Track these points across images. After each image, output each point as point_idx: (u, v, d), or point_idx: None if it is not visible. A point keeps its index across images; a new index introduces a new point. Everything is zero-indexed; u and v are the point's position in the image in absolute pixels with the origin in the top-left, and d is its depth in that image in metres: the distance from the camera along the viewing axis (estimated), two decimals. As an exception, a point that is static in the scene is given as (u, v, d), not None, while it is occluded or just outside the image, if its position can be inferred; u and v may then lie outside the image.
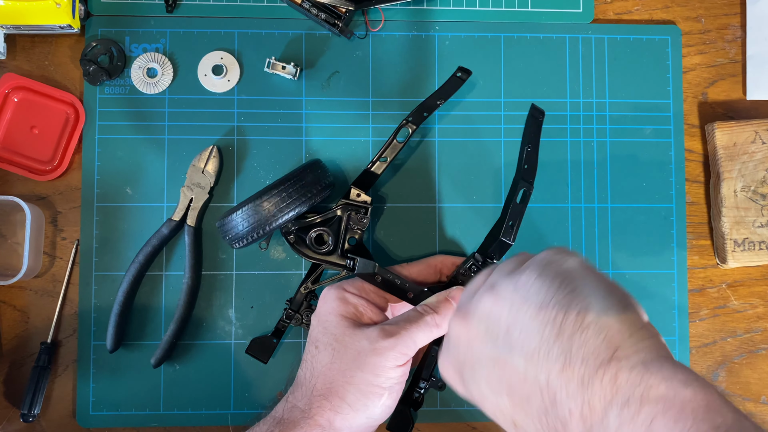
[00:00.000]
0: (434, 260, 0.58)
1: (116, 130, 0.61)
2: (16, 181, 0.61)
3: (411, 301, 0.53)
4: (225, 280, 0.61)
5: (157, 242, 0.59)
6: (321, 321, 0.52)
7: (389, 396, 0.49)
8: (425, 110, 0.58)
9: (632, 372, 0.32)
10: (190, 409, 0.60)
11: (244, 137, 0.62)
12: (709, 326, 0.64)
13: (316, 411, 0.49)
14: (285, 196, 0.54)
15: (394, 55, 0.63)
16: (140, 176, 0.61)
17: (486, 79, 0.64)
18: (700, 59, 0.66)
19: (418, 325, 0.49)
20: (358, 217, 0.56)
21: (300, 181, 0.54)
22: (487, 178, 0.63)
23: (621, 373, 0.32)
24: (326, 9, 0.60)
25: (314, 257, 0.56)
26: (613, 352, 0.33)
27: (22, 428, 0.59)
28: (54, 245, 0.61)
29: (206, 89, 0.62)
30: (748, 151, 0.63)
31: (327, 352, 0.50)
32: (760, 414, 0.63)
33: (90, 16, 0.62)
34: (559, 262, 0.38)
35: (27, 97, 0.60)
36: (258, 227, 0.53)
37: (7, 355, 0.60)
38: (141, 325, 0.60)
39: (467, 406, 0.61)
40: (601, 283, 0.37)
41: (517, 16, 0.64)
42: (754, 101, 0.66)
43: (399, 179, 0.62)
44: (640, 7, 0.66)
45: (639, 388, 0.32)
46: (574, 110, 0.64)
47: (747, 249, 0.62)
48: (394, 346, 0.49)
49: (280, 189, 0.54)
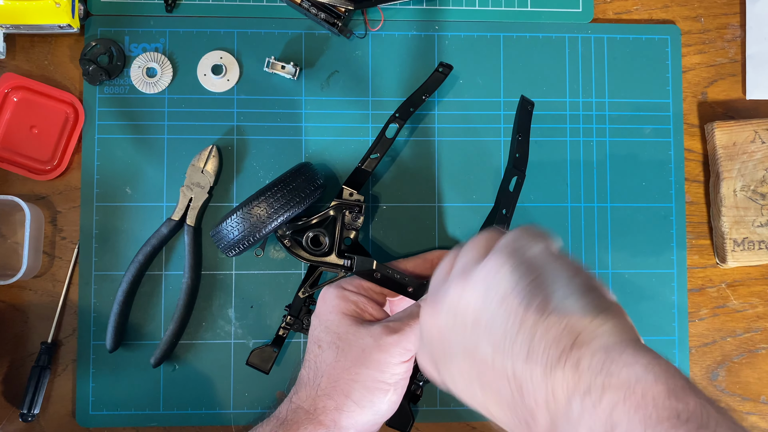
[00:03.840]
0: (431, 255, 0.58)
1: (116, 130, 0.61)
2: (15, 180, 0.61)
3: (411, 295, 0.54)
4: (224, 280, 0.61)
5: (156, 242, 0.59)
6: (322, 320, 0.52)
7: (394, 392, 0.50)
8: (411, 105, 0.59)
9: (593, 358, 0.31)
10: (189, 409, 0.60)
11: (244, 137, 0.62)
12: (709, 326, 0.64)
13: (320, 411, 0.49)
14: (273, 201, 0.53)
15: (393, 54, 0.63)
16: (140, 176, 0.61)
17: (485, 78, 0.64)
18: (699, 59, 0.66)
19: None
20: (353, 216, 0.56)
21: (289, 185, 0.54)
22: (486, 177, 0.63)
23: (582, 360, 0.31)
24: (326, 8, 0.60)
25: (311, 259, 0.56)
26: (574, 339, 0.32)
27: (22, 428, 0.59)
28: (53, 245, 0.61)
29: (206, 89, 0.62)
30: (747, 150, 0.63)
31: (331, 351, 0.50)
32: (760, 413, 0.63)
33: (89, 15, 0.62)
34: (523, 250, 0.37)
35: (26, 96, 0.60)
36: (250, 234, 0.53)
37: (6, 355, 0.60)
38: (141, 324, 0.60)
39: (467, 406, 0.61)
40: (564, 269, 0.36)
41: (516, 16, 0.64)
42: (753, 101, 0.66)
43: (398, 179, 0.62)
44: (640, 6, 0.66)
45: (600, 375, 0.31)
46: (574, 110, 0.64)
47: (746, 248, 0.62)
48: (398, 342, 0.49)
49: (268, 195, 0.53)
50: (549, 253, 0.37)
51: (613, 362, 0.31)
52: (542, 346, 0.33)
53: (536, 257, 0.36)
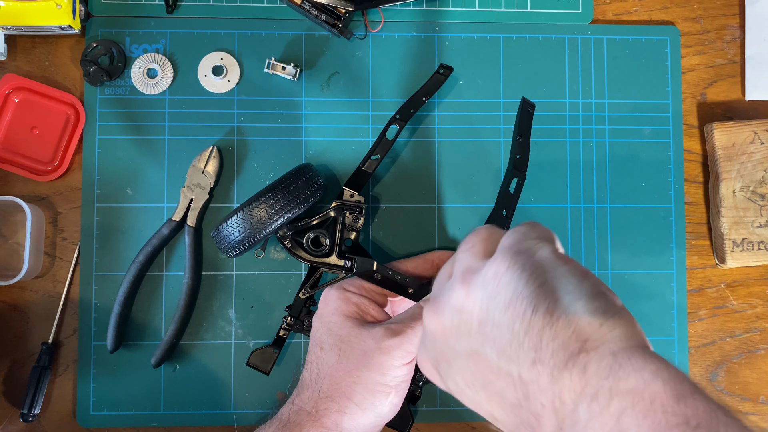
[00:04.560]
0: (431, 255, 0.58)
1: (116, 131, 0.61)
2: (16, 181, 0.61)
3: (412, 296, 0.54)
4: (225, 281, 0.61)
5: (157, 242, 0.59)
6: (324, 322, 0.52)
7: (396, 394, 0.50)
8: (411, 107, 0.59)
9: (601, 364, 0.31)
10: (190, 409, 0.60)
11: (244, 138, 0.62)
12: (708, 326, 0.64)
13: (323, 413, 0.49)
14: (274, 202, 0.53)
15: (393, 55, 0.63)
16: (140, 177, 0.61)
17: (485, 79, 0.64)
18: (699, 60, 0.66)
19: (422, 322, 0.50)
20: (353, 217, 0.56)
21: (289, 186, 0.54)
22: (486, 178, 0.63)
23: (590, 365, 0.31)
24: (326, 10, 0.61)
25: (312, 260, 0.56)
26: (582, 344, 0.32)
27: (23, 428, 0.59)
28: (54, 245, 0.61)
29: (206, 90, 0.62)
30: (746, 151, 0.63)
31: (333, 353, 0.50)
32: (760, 413, 0.64)
33: (90, 16, 0.62)
34: (529, 252, 0.36)
35: (27, 97, 0.60)
36: (251, 235, 0.53)
37: (7, 355, 0.60)
38: (141, 325, 0.60)
39: (467, 407, 0.61)
40: (572, 272, 0.35)
41: (516, 17, 0.65)
42: (752, 101, 0.66)
43: (399, 180, 0.63)
44: (639, 7, 0.66)
45: (608, 380, 0.30)
46: (573, 111, 0.64)
47: (746, 249, 0.62)
48: (400, 344, 0.49)
49: (269, 196, 0.54)
50: (556, 255, 0.36)
51: (621, 367, 0.31)
52: (550, 350, 0.32)
53: (543, 260, 0.36)
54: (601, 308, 0.33)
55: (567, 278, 0.35)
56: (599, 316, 0.33)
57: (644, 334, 0.33)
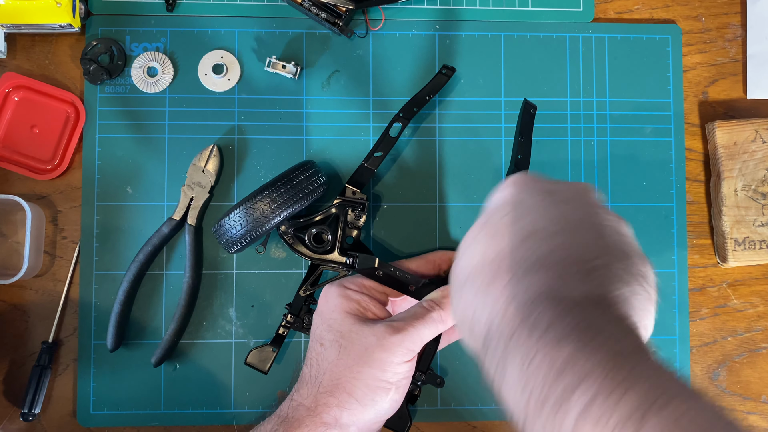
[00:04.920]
0: (433, 256, 0.58)
1: (117, 129, 0.61)
2: (16, 180, 0.61)
3: (413, 294, 0.54)
4: (225, 279, 0.61)
5: (157, 241, 0.59)
6: (325, 319, 0.52)
7: (396, 391, 0.50)
8: (415, 105, 0.59)
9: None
10: (190, 409, 0.60)
11: (245, 136, 0.62)
12: (710, 325, 0.64)
13: (322, 409, 0.49)
14: (276, 197, 0.53)
15: (394, 54, 0.63)
16: (141, 175, 0.61)
17: (486, 78, 0.64)
18: (700, 58, 0.66)
19: (424, 321, 0.50)
20: (355, 214, 0.56)
21: (291, 181, 0.54)
22: (487, 177, 0.63)
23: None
24: (326, 8, 0.60)
25: (313, 257, 0.56)
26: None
27: (23, 427, 0.59)
28: (54, 244, 0.61)
29: (206, 88, 0.62)
30: (748, 150, 0.63)
31: (333, 349, 0.50)
32: (761, 413, 0.63)
33: (90, 15, 0.62)
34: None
35: (27, 96, 0.60)
36: (252, 230, 0.53)
37: (7, 355, 0.60)
38: (141, 324, 0.60)
39: (467, 405, 0.61)
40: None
41: (517, 15, 0.64)
42: (754, 100, 0.66)
43: (399, 178, 0.62)
44: (641, 6, 0.66)
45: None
46: (575, 109, 0.64)
47: (747, 248, 0.62)
48: (401, 342, 0.49)
49: (271, 190, 0.53)
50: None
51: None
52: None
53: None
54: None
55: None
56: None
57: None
